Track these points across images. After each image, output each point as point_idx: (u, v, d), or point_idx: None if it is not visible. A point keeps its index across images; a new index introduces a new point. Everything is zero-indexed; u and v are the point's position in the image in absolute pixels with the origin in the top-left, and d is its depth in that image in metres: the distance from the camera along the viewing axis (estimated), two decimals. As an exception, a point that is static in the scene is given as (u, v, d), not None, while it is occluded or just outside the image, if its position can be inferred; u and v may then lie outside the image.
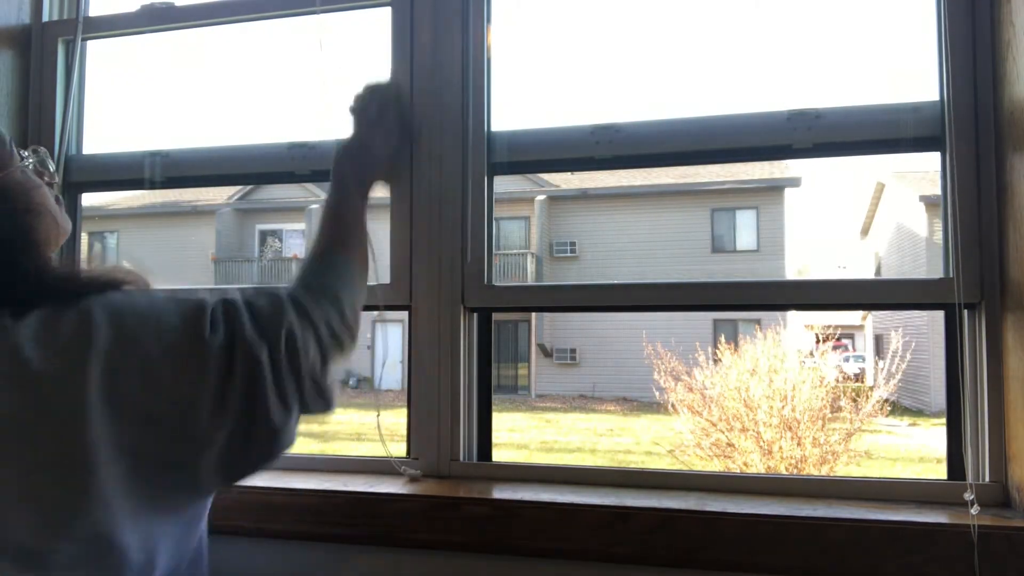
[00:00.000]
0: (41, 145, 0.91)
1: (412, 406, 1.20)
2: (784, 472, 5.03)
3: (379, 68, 1.25)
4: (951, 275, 1.02)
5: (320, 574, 1.09)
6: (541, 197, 15.98)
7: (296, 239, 18.27)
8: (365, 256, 0.95)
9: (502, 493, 1.06)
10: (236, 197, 18.06)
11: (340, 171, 0.97)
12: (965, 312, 1.03)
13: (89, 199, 1.50)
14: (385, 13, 1.26)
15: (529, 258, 15.79)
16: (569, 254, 15.96)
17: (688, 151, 1.17)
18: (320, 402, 0.79)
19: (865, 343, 17.45)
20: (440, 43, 1.21)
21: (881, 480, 1.04)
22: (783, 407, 5.44)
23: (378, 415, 1.22)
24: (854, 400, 5.76)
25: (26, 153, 0.83)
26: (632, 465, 7.44)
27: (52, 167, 0.88)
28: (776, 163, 13.95)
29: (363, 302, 0.93)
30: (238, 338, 0.71)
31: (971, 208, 1.01)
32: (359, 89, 1.05)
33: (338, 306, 0.84)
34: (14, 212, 0.74)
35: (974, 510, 0.90)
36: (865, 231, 17.84)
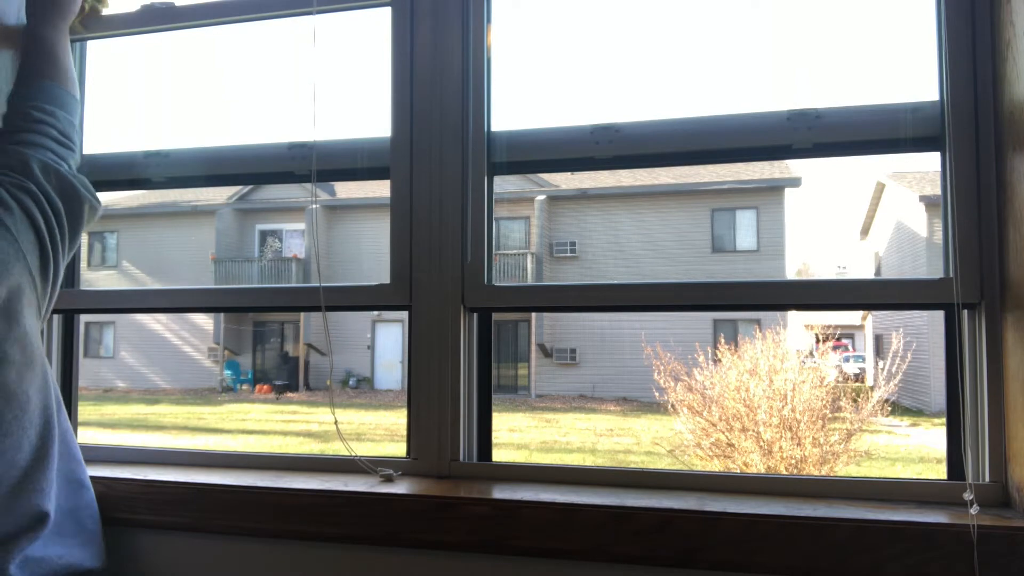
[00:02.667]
0: None
1: (412, 406, 1.20)
2: (784, 472, 5.02)
3: (379, 68, 1.26)
4: (951, 275, 1.02)
5: (321, 574, 1.09)
6: (541, 197, 15.99)
7: (296, 239, 18.28)
8: (70, 78, 1.18)
9: (502, 493, 1.06)
10: (236, 197, 18.07)
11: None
12: (965, 312, 1.03)
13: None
14: (385, 13, 1.26)
15: (529, 258, 15.79)
16: (569, 254, 15.97)
17: (688, 151, 1.17)
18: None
19: (865, 343, 17.46)
20: (440, 43, 1.22)
21: (881, 480, 1.04)
22: (783, 407, 5.44)
23: (333, 413, 1.21)
24: (854, 400, 5.77)
25: None
26: (632, 465, 7.44)
27: None
28: (776, 163, 13.95)
29: (77, 122, 1.16)
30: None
31: (971, 208, 1.01)
32: None
33: (57, 126, 1.10)
34: None
35: (974, 510, 0.90)
36: (865, 231, 17.84)
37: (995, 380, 0.99)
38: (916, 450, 7.93)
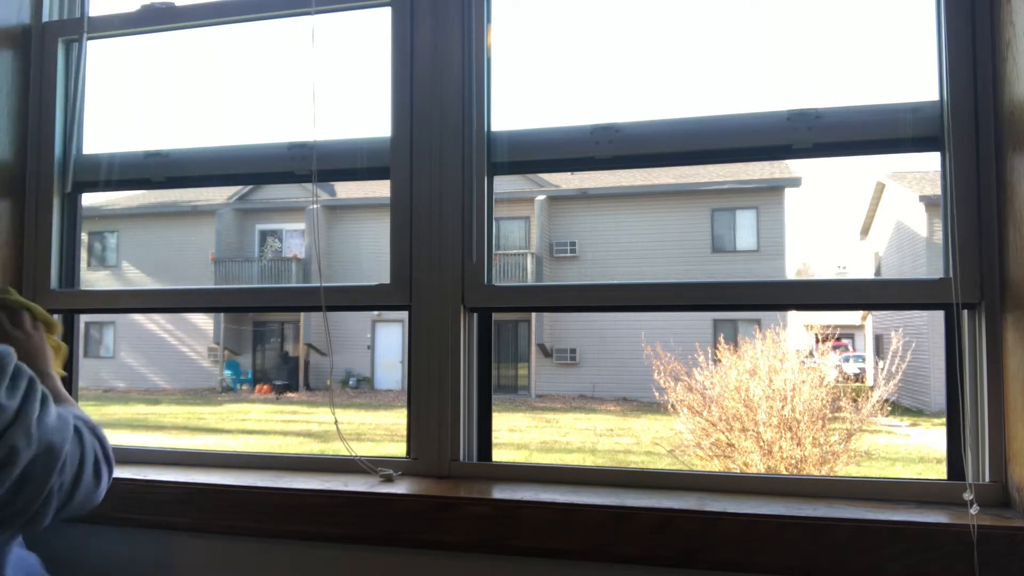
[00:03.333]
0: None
1: (412, 406, 1.20)
2: (784, 472, 5.02)
3: (379, 68, 1.26)
4: (951, 275, 1.02)
5: (321, 574, 1.09)
6: (541, 197, 15.99)
7: (296, 239, 18.29)
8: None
9: (502, 493, 1.06)
10: (236, 197, 18.07)
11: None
12: (965, 312, 1.03)
13: (89, 199, 1.51)
14: (385, 13, 1.26)
15: (529, 258, 15.79)
16: (569, 254, 15.96)
17: (688, 151, 1.17)
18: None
19: (865, 343, 17.46)
20: (440, 43, 1.22)
21: (881, 480, 1.04)
22: (783, 407, 5.44)
23: (333, 413, 1.21)
24: (854, 400, 5.77)
25: None
26: (632, 465, 7.44)
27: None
28: (776, 163, 13.95)
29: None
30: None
31: (971, 208, 1.01)
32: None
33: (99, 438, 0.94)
34: None
35: (974, 510, 0.90)
36: (865, 231, 17.84)
37: (995, 380, 0.99)
38: (916, 450, 7.93)
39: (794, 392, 5.49)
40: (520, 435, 9.59)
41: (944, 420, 1.07)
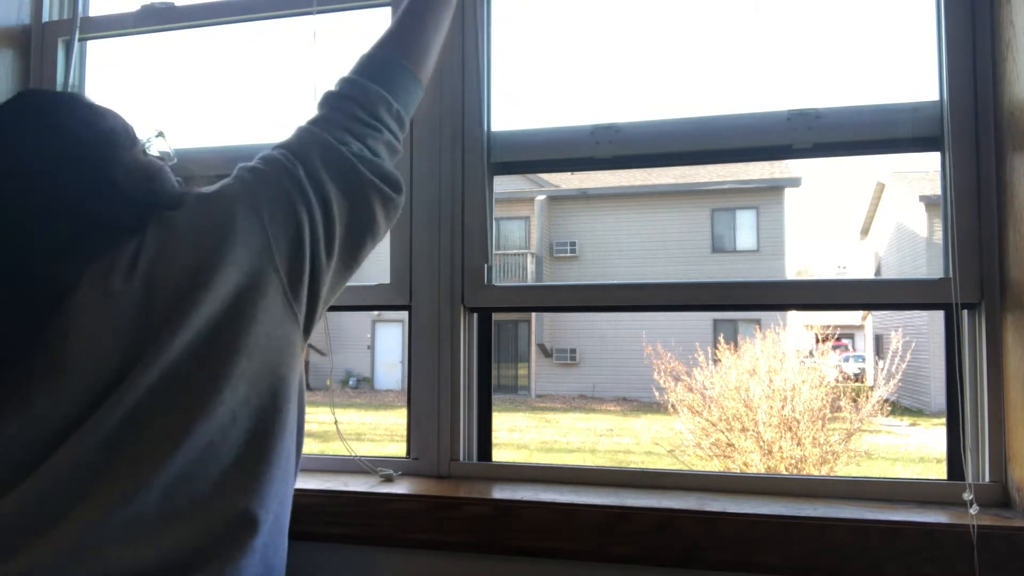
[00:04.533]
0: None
1: (412, 406, 1.20)
2: (784, 472, 5.03)
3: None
4: (951, 275, 1.02)
5: (320, 574, 1.09)
6: (541, 197, 15.99)
7: (296, 239, 18.25)
8: (421, 59, 0.97)
9: (502, 493, 1.06)
10: (236, 197, 18.03)
11: None
12: (965, 312, 1.03)
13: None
14: (385, 13, 1.26)
15: (529, 258, 15.79)
16: (569, 254, 15.97)
17: (688, 151, 1.17)
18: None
19: (865, 343, 17.46)
20: (440, 43, 1.21)
21: (881, 480, 1.04)
22: (783, 407, 5.44)
23: (333, 413, 1.21)
24: (854, 400, 5.76)
25: (148, 140, 0.90)
26: (632, 465, 7.44)
27: (171, 151, 0.95)
28: (776, 163, 13.95)
29: (403, 103, 0.94)
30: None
31: (971, 208, 1.01)
32: None
33: (364, 101, 0.90)
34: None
35: (974, 510, 0.90)
36: (865, 231, 17.84)
37: (995, 380, 0.99)
38: (916, 450, 7.92)
39: (794, 392, 5.49)
40: (520, 435, 9.59)
41: (944, 420, 1.07)
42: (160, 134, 0.92)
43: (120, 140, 0.81)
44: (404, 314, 1.22)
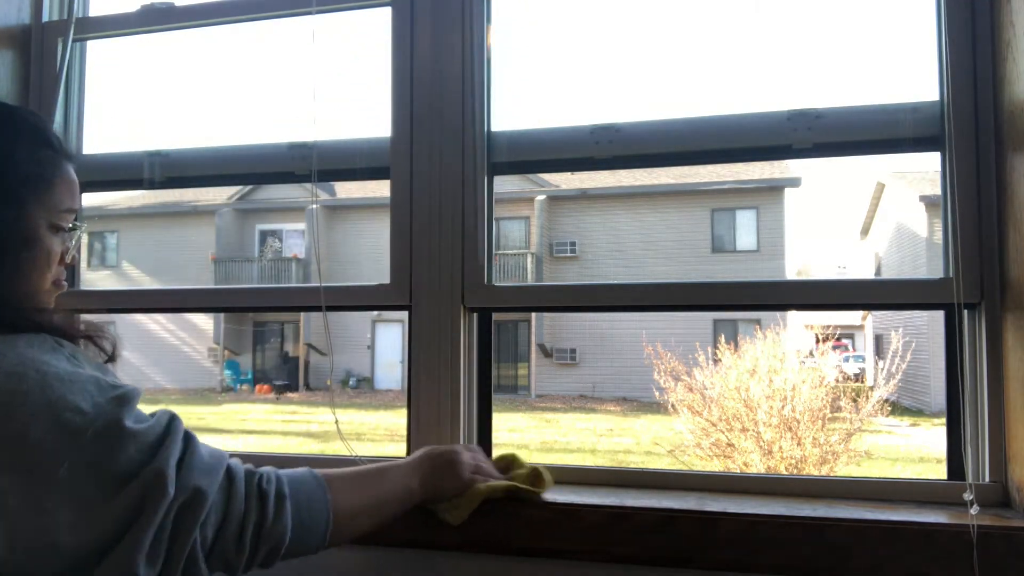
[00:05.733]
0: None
1: (412, 406, 1.20)
2: (784, 472, 5.02)
3: (379, 68, 1.26)
4: (951, 275, 1.02)
5: (320, 574, 1.09)
6: (541, 197, 15.99)
7: (296, 239, 18.29)
8: (347, 530, 0.86)
9: (502, 493, 1.06)
10: (236, 197, 18.07)
11: (426, 465, 0.95)
12: (965, 312, 1.03)
13: (89, 199, 1.50)
14: (385, 13, 1.26)
15: (529, 258, 15.79)
16: (569, 254, 15.97)
17: (688, 151, 1.17)
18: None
19: (865, 343, 17.46)
20: (440, 43, 1.21)
21: (881, 480, 1.04)
22: (783, 407, 5.44)
23: (334, 413, 1.21)
24: (854, 400, 5.76)
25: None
26: (632, 465, 7.44)
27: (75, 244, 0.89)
28: (776, 163, 13.95)
29: (299, 550, 0.81)
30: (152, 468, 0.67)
31: (971, 208, 1.01)
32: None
33: (268, 516, 0.76)
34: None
35: (974, 510, 0.90)
36: (865, 231, 17.84)
37: (995, 380, 0.99)
38: (916, 450, 7.93)
39: (794, 392, 5.49)
40: (520, 435, 9.59)
41: (944, 420, 1.07)
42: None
43: None
44: (404, 314, 1.22)
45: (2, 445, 0.63)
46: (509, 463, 1.07)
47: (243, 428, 10.94)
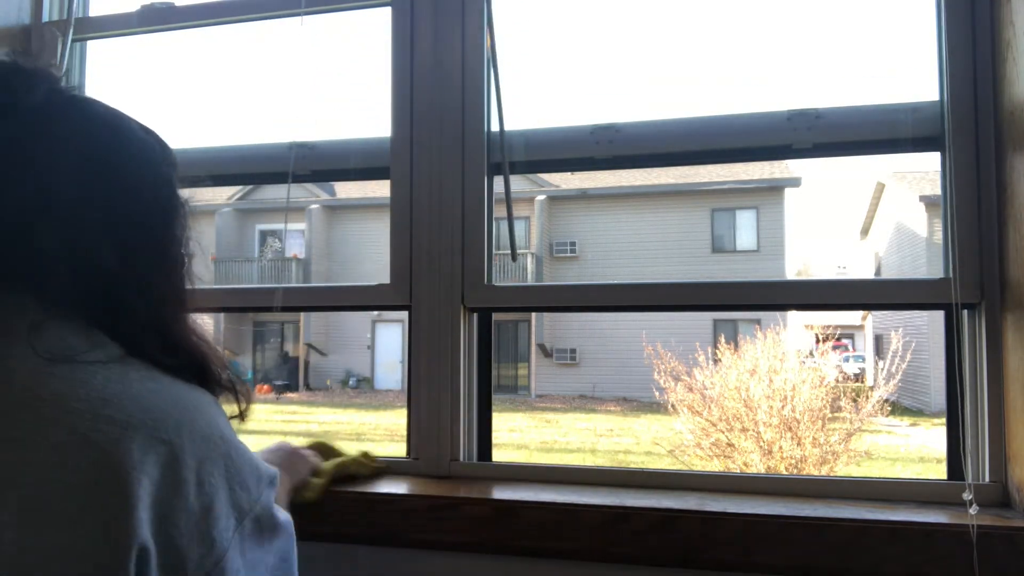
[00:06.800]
0: None
1: (412, 406, 1.20)
2: (784, 472, 5.02)
3: (379, 68, 1.26)
4: (951, 275, 1.02)
5: (320, 574, 1.09)
6: (541, 197, 15.99)
7: (296, 239, 18.29)
8: None
9: (502, 493, 1.06)
10: (236, 197, 18.06)
11: (277, 458, 0.97)
12: (965, 312, 1.03)
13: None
14: (385, 13, 1.26)
15: (529, 258, 15.79)
16: (569, 254, 15.97)
17: (688, 151, 1.17)
18: None
19: (865, 343, 17.46)
20: (440, 43, 1.21)
21: (881, 480, 1.04)
22: (783, 407, 5.44)
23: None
24: (854, 400, 5.76)
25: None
26: (632, 465, 7.44)
27: None
28: (776, 163, 13.95)
29: None
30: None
31: (971, 208, 1.01)
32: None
33: None
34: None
35: (974, 510, 0.90)
36: (865, 231, 17.84)
37: (995, 380, 0.99)
38: (916, 450, 7.93)
39: (794, 392, 5.49)
40: (520, 435, 9.59)
41: (944, 420, 1.07)
42: None
43: None
44: (404, 314, 1.22)
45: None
46: (324, 448, 1.14)
47: (243, 428, 10.92)
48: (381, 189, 15.49)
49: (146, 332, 0.62)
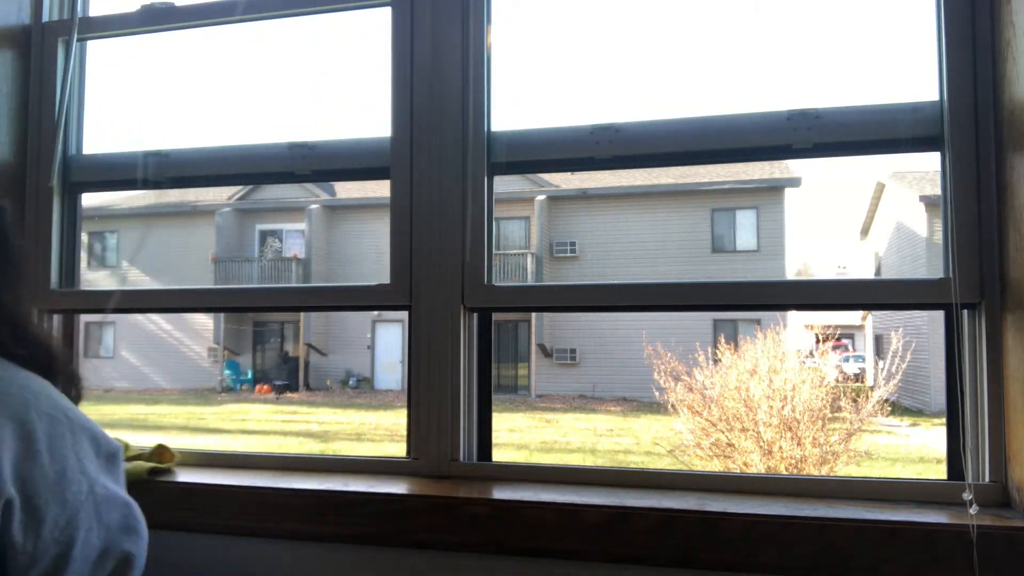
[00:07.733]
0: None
1: (412, 406, 1.20)
2: (784, 472, 5.02)
3: (379, 68, 1.26)
4: (950, 275, 1.02)
5: (320, 574, 1.09)
6: (541, 197, 15.98)
7: (296, 239, 18.28)
8: None
9: (502, 493, 1.06)
10: (236, 197, 18.06)
11: None
12: (965, 312, 1.03)
13: (89, 199, 1.50)
14: (385, 13, 1.26)
15: (529, 258, 15.78)
16: (569, 254, 15.96)
17: (688, 151, 1.17)
18: None
19: (865, 343, 17.45)
20: (440, 43, 1.22)
21: (881, 480, 1.04)
22: (783, 407, 5.44)
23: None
24: (854, 400, 5.76)
25: None
26: (632, 465, 7.44)
27: None
28: (776, 163, 13.95)
29: None
30: None
31: (971, 208, 1.01)
32: None
33: None
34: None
35: (973, 510, 0.90)
36: (865, 231, 17.83)
37: (995, 380, 0.99)
38: (916, 450, 7.92)
39: (794, 392, 5.49)
40: (520, 435, 9.59)
41: (944, 420, 1.07)
42: None
43: None
44: (404, 314, 1.22)
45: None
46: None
47: (243, 428, 10.93)
48: (381, 189, 15.48)
49: (2, 326, 0.76)
